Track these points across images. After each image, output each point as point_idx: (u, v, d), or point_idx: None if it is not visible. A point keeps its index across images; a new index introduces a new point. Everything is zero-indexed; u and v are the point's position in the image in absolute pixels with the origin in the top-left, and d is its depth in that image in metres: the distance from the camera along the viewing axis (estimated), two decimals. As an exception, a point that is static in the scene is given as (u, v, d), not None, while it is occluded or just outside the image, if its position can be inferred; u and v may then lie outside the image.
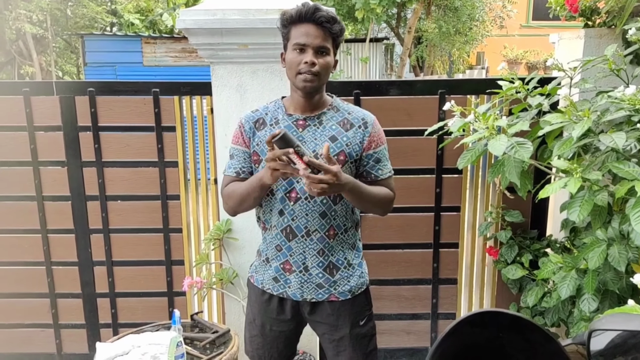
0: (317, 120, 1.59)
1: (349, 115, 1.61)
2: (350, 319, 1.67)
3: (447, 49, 11.82)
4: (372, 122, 1.61)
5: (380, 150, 1.62)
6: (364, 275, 1.71)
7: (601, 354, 0.85)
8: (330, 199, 1.58)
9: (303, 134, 1.57)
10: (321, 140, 1.56)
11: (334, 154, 1.54)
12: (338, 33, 1.53)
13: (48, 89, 2.53)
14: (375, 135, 1.60)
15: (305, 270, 1.62)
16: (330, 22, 1.50)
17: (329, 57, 1.52)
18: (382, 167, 1.62)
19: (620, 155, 1.66)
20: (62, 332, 2.76)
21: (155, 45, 8.28)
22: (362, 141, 1.58)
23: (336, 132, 1.57)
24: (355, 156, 1.58)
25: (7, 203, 2.62)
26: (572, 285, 1.85)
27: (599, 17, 2.42)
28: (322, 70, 1.50)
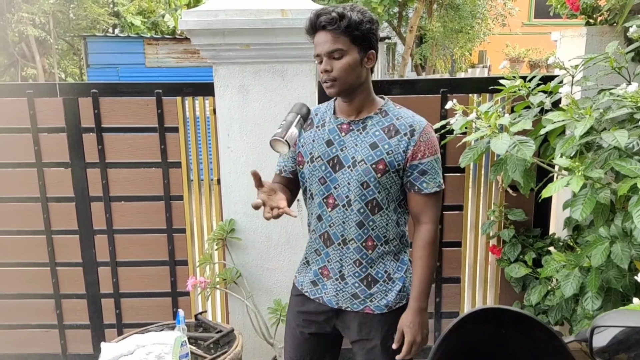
0: (362, 125, 1.53)
1: (397, 120, 1.51)
2: (383, 331, 1.59)
3: (449, 48, 11.81)
4: (421, 131, 1.49)
5: (428, 162, 1.50)
6: (405, 291, 1.60)
7: (604, 351, 0.85)
8: (368, 209, 1.52)
9: (345, 138, 1.53)
10: (361, 147, 1.50)
11: (372, 162, 1.49)
12: (348, 27, 1.42)
13: (51, 90, 2.54)
14: (422, 144, 1.49)
15: (341, 278, 1.59)
16: (333, 23, 1.42)
17: (347, 57, 1.44)
18: (429, 180, 1.50)
19: (623, 153, 1.66)
20: (67, 332, 2.77)
21: (157, 47, 8.30)
22: (406, 150, 1.48)
23: (378, 139, 1.50)
24: (398, 166, 1.49)
25: (12, 204, 2.64)
26: (576, 284, 1.85)
27: (600, 15, 2.42)
28: (339, 73, 1.45)
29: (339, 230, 1.56)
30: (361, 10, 1.46)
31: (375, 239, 1.55)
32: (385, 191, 1.52)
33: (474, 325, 0.82)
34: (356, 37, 1.44)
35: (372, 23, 1.46)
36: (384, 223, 1.55)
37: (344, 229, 1.55)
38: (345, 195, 1.53)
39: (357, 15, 1.43)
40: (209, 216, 2.66)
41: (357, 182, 1.50)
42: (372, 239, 1.55)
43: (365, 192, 1.51)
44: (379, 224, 1.54)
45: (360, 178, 1.50)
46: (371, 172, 1.49)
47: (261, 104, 2.40)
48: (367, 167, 1.49)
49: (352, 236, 1.55)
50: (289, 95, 2.39)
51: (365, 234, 1.54)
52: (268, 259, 2.53)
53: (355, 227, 1.54)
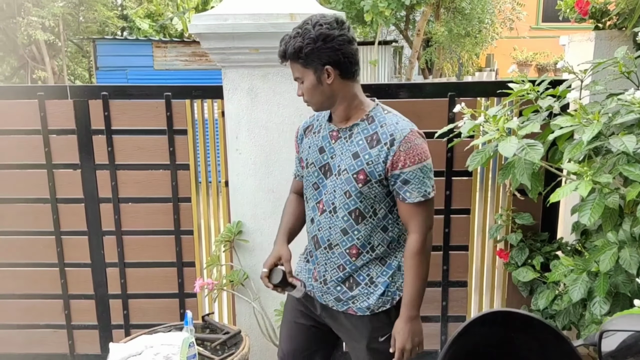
0: (349, 133, 1.53)
1: (381, 128, 1.49)
2: (368, 333, 1.62)
3: (456, 52, 11.79)
4: (402, 140, 1.45)
5: (411, 172, 1.46)
6: (389, 294, 1.59)
7: (612, 355, 0.85)
8: (352, 218, 1.53)
9: (335, 146, 1.56)
10: (346, 156, 1.52)
11: (354, 172, 1.49)
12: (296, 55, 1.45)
13: (62, 93, 2.57)
14: (403, 154, 1.45)
15: (324, 282, 1.63)
16: (284, 57, 1.49)
17: (305, 82, 1.49)
18: (412, 189, 1.47)
19: (631, 158, 1.66)
20: (75, 332, 2.79)
21: (166, 49, 8.36)
22: (385, 160, 1.46)
23: (360, 149, 1.49)
24: (379, 176, 1.48)
25: (22, 205, 2.66)
26: (584, 288, 1.84)
27: (609, 19, 2.42)
28: (307, 96, 1.52)
29: (326, 235, 1.59)
30: (302, 33, 1.44)
31: (360, 247, 1.56)
32: (369, 200, 1.52)
33: (482, 329, 0.82)
34: (304, 62, 1.46)
35: (315, 42, 1.43)
36: (368, 232, 1.55)
37: (330, 234, 1.58)
38: (331, 202, 1.56)
39: (298, 41, 1.44)
40: (216, 218, 2.68)
41: (341, 190, 1.53)
42: (356, 247, 1.56)
43: (348, 201, 1.53)
44: (364, 233, 1.55)
45: (343, 187, 1.52)
46: (352, 182, 1.50)
47: (269, 107, 2.41)
48: (349, 176, 1.51)
49: (337, 242, 1.58)
50: (297, 99, 2.38)
51: (349, 241, 1.56)
52: (275, 261, 2.54)
53: (340, 234, 1.57)
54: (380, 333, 1.60)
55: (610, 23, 2.43)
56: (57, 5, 10.12)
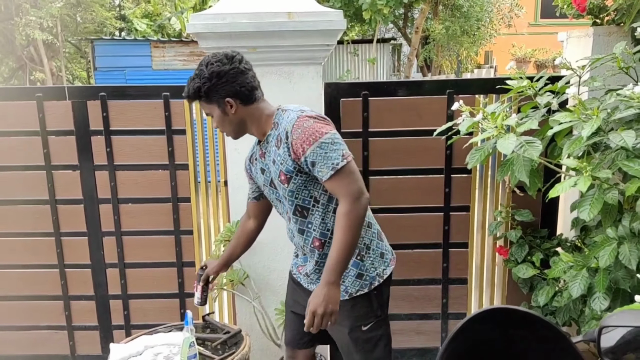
0: (267, 145, 1.66)
1: (280, 129, 1.60)
2: (350, 321, 1.67)
3: (455, 49, 11.78)
4: (292, 129, 1.54)
5: (312, 152, 1.51)
6: (368, 278, 1.66)
7: (612, 351, 0.85)
8: (299, 215, 1.65)
9: (265, 162, 1.69)
10: (270, 166, 1.66)
11: (277, 177, 1.63)
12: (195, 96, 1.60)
13: (60, 93, 2.57)
14: (297, 141, 1.52)
15: (307, 275, 1.78)
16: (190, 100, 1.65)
17: (214, 116, 1.63)
18: (320, 168, 1.52)
19: (630, 154, 1.66)
20: (76, 333, 2.79)
21: (164, 49, 8.35)
22: (289, 154, 1.56)
23: (274, 154, 1.62)
24: (294, 169, 1.57)
25: (21, 207, 2.66)
26: (583, 284, 1.84)
27: (607, 15, 2.41)
28: (220, 128, 1.67)
29: (295, 240, 1.75)
30: (198, 75, 1.59)
31: (320, 237, 1.65)
32: (303, 194, 1.62)
33: (481, 326, 0.82)
34: (206, 100, 1.61)
35: (210, 80, 1.56)
36: (319, 220, 1.64)
37: (296, 237, 1.73)
38: (284, 210, 1.72)
39: (196, 83, 1.59)
40: (216, 218, 2.68)
41: (282, 197, 1.67)
42: (317, 239, 1.66)
43: (288, 203, 1.65)
44: (315, 223, 1.64)
45: (281, 192, 1.66)
46: (281, 186, 1.63)
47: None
48: (277, 182, 1.64)
49: (303, 241, 1.70)
50: (295, 97, 2.39)
51: (309, 237, 1.67)
52: (275, 260, 2.54)
53: (299, 235, 1.69)
54: (363, 322, 1.68)
55: (608, 19, 2.42)
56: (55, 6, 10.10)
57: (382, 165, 2.56)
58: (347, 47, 10.80)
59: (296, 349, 1.93)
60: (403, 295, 2.69)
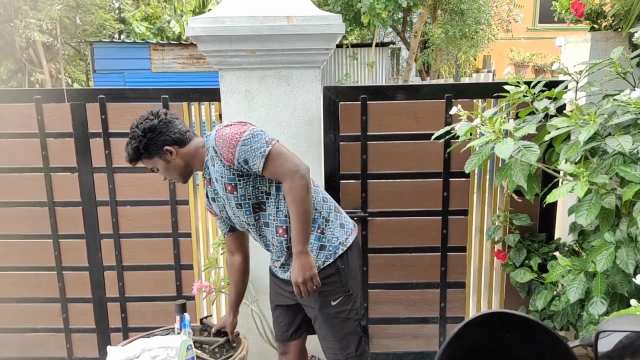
0: (208, 171, 1.79)
1: (211, 151, 1.72)
2: (320, 297, 1.77)
3: (454, 53, 11.81)
4: (215, 144, 1.68)
5: (239, 153, 1.65)
6: (329, 248, 1.78)
7: (608, 356, 0.86)
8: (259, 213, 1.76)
9: (213, 187, 1.82)
10: (216, 187, 1.78)
11: (224, 191, 1.73)
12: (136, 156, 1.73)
13: (59, 96, 2.57)
14: (223, 150, 1.66)
15: (283, 265, 1.87)
16: (132, 160, 1.75)
17: (159, 168, 1.77)
18: (253, 161, 1.65)
19: (628, 159, 1.67)
20: (73, 336, 2.79)
21: (163, 52, 8.37)
22: (223, 164, 1.68)
23: (214, 174, 1.75)
24: (234, 176, 1.69)
25: (19, 209, 2.66)
26: (581, 288, 1.84)
27: (605, 21, 2.43)
28: (169, 177, 1.81)
29: (264, 243, 1.86)
30: (133, 136, 1.72)
31: (281, 224, 1.76)
32: (252, 192, 1.72)
33: (479, 330, 0.82)
34: (147, 155, 1.74)
35: (145, 135, 1.70)
36: (274, 209, 1.75)
37: (264, 239, 1.84)
38: (242, 221, 1.81)
39: (133, 144, 1.72)
40: (214, 221, 2.67)
41: (235, 208, 1.77)
42: (279, 227, 1.76)
43: (244, 209, 1.76)
44: (273, 212, 1.75)
45: (232, 204, 1.76)
46: (231, 196, 1.74)
47: (267, 109, 2.41)
48: (227, 195, 1.75)
49: (270, 236, 1.80)
50: (294, 101, 2.40)
51: (273, 227, 1.77)
52: (273, 264, 2.54)
53: (264, 229, 1.80)
54: (332, 297, 1.77)
55: (605, 24, 2.44)
56: (54, 8, 10.11)
57: (381, 168, 2.56)
58: (346, 50, 10.83)
59: (286, 341, 2.02)
60: (401, 299, 2.69)
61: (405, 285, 2.68)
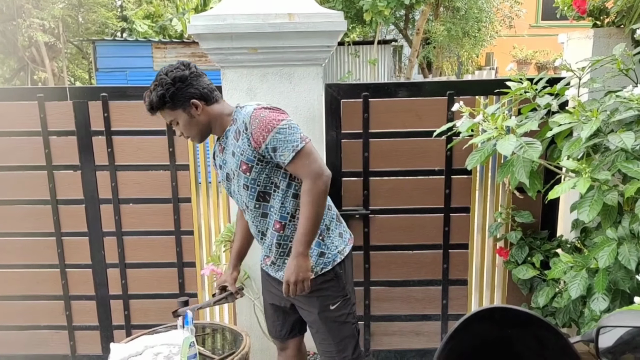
0: (225, 140, 1.75)
1: (239, 122, 1.68)
2: (319, 301, 1.77)
3: (456, 50, 11.78)
4: (249, 120, 1.64)
5: (272, 139, 1.62)
6: (328, 256, 1.77)
7: (610, 351, 0.86)
8: (261, 201, 1.72)
9: (223, 156, 1.78)
10: (229, 159, 1.74)
11: (237, 167, 1.69)
12: (160, 104, 1.65)
13: (62, 94, 2.58)
14: (256, 129, 1.63)
15: (273, 263, 1.84)
16: (153, 110, 1.68)
17: (180, 121, 1.69)
18: (282, 152, 1.63)
19: (630, 155, 1.66)
20: (76, 333, 2.80)
21: (165, 50, 8.37)
22: (249, 143, 1.65)
23: (233, 147, 1.70)
24: (255, 158, 1.66)
25: (22, 206, 2.67)
26: (583, 285, 1.84)
27: (607, 17, 2.42)
28: (185, 132, 1.72)
29: (256, 227, 1.80)
30: (160, 83, 1.64)
31: (280, 219, 1.73)
32: (264, 180, 1.69)
33: (479, 325, 0.82)
34: (172, 105, 1.66)
35: (174, 84, 1.64)
36: (279, 203, 1.72)
37: (257, 224, 1.79)
38: (242, 201, 1.78)
39: (159, 91, 1.63)
40: (216, 218, 2.68)
41: (240, 187, 1.73)
42: (277, 222, 1.74)
43: (249, 193, 1.72)
44: (276, 206, 1.72)
45: (240, 183, 1.72)
46: (242, 175, 1.70)
47: (268, 107, 2.41)
48: (238, 172, 1.71)
49: (265, 226, 1.77)
50: (296, 98, 2.40)
51: (271, 220, 1.74)
52: (275, 261, 2.54)
53: (261, 219, 1.76)
54: (331, 301, 1.79)
55: (608, 20, 2.43)
56: (57, 7, 10.11)
57: (383, 166, 2.56)
58: (348, 48, 10.80)
59: (283, 340, 2.02)
60: (403, 296, 2.70)
61: (407, 282, 2.68)
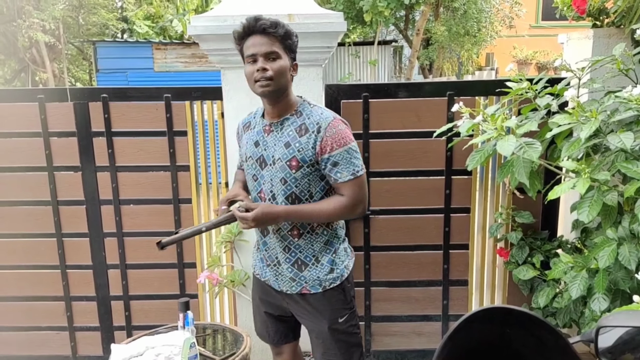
0: (280, 127, 1.67)
1: (308, 119, 1.64)
2: (328, 314, 1.74)
3: (456, 51, 11.78)
4: (327, 126, 1.60)
5: (338, 154, 1.61)
6: (338, 271, 1.74)
7: (609, 351, 0.86)
8: (289, 202, 1.66)
9: (267, 139, 1.69)
10: (278, 146, 1.65)
11: (287, 160, 1.63)
12: (284, 35, 1.58)
13: (62, 95, 2.58)
14: (329, 139, 1.60)
15: (278, 264, 1.76)
16: (272, 27, 1.56)
17: (280, 61, 1.58)
18: (341, 170, 1.61)
19: (629, 155, 1.66)
20: (77, 334, 2.80)
21: (165, 51, 8.37)
22: (314, 146, 1.61)
23: (291, 139, 1.64)
24: (310, 161, 1.62)
25: (23, 208, 2.68)
26: (583, 285, 1.85)
27: (607, 17, 2.42)
28: (275, 74, 1.57)
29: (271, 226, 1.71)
30: (285, 25, 1.60)
31: (300, 227, 1.69)
32: (304, 185, 1.65)
33: (479, 325, 0.83)
34: (287, 46, 1.60)
35: (297, 38, 1.64)
36: None
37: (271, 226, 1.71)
38: (269, 190, 1.69)
39: (287, 27, 1.59)
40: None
41: (277, 178, 1.66)
42: (297, 228, 1.69)
43: (285, 188, 1.65)
44: None
45: (279, 175, 1.65)
46: (287, 169, 1.63)
47: (269, 108, 2.41)
48: (283, 164, 1.64)
49: (279, 225, 1.70)
50: (296, 99, 2.40)
51: (290, 223, 1.68)
52: (276, 262, 2.54)
53: None
54: (339, 314, 1.76)
55: (608, 21, 2.43)
56: (57, 8, 10.12)
57: (383, 166, 2.56)
58: (348, 49, 10.81)
59: (277, 344, 1.99)
60: (403, 296, 2.70)
61: (408, 283, 2.68)
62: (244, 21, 1.59)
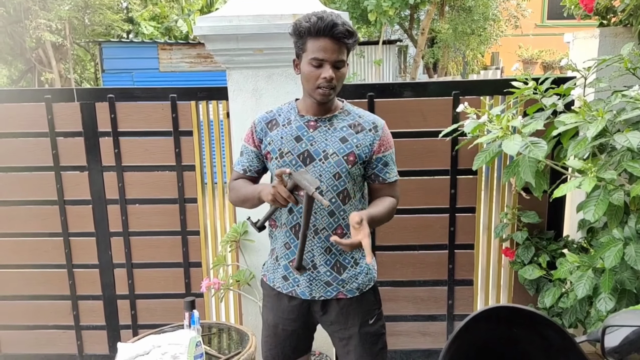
0: (329, 122, 1.62)
1: (360, 118, 1.65)
2: (359, 318, 1.69)
3: (461, 50, 11.76)
4: (382, 127, 1.65)
5: (389, 154, 1.66)
6: (371, 272, 1.72)
7: (616, 351, 0.86)
8: (340, 199, 1.60)
9: (314, 134, 1.60)
10: (332, 141, 1.59)
11: (344, 155, 1.58)
12: (353, 44, 1.55)
13: (69, 95, 2.60)
14: (385, 139, 1.64)
15: (313, 267, 1.64)
16: (347, 37, 1.50)
17: (344, 69, 1.55)
18: (390, 170, 1.66)
19: (636, 155, 1.66)
20: (84, 333, 2.82)
21: (171, 52, 8.40)
22: (372, 144, 1.61)
23: (347, 134, 1.61)
24: (365, 158, 1.61)
25: (30, 207, 2.69)
26: (589, 285, 1.84)
27: (614, 16, 2.41)
28: (338, 83, 1.56)
29: (311, 221, 1.59)
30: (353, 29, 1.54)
31: (345, 227, 1.62)
32: (353, 181, 1.63)
33: (485, 324, 0.83)
34: (349, 52, 1.57)
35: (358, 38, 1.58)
36: (352, 211, 1.58)
37: (315, 219, 1.60)
38: None
39: (356, 35, 1.54)
40: (222, 218, 2.69)
41: (329, 173, 1.58)
42: (341, 228, 1.62)
43: (337, 183, 1.59)
44: (349, 212, 1.59)
45: (333, 170, 1.58)
46: (343, 164, 1.58)
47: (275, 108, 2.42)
48: (340, 159, 1.58)
49: (324, 225, 1.61)
50: (301, 99, 2.41)
51: (335, 223, 1.62)
52: (281, 261, 2.55)
53: (327, 217, 1.61)
54: (369, 316, 1.71)
55: (615, 20, 2.42)
56: (63, 8, 10.18)
57: (388, 166, 2.56)
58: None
59: None
60: (409, 296, 2.70)
61: (413, 282, 2.68)
62: (313, 18, 1.49)
